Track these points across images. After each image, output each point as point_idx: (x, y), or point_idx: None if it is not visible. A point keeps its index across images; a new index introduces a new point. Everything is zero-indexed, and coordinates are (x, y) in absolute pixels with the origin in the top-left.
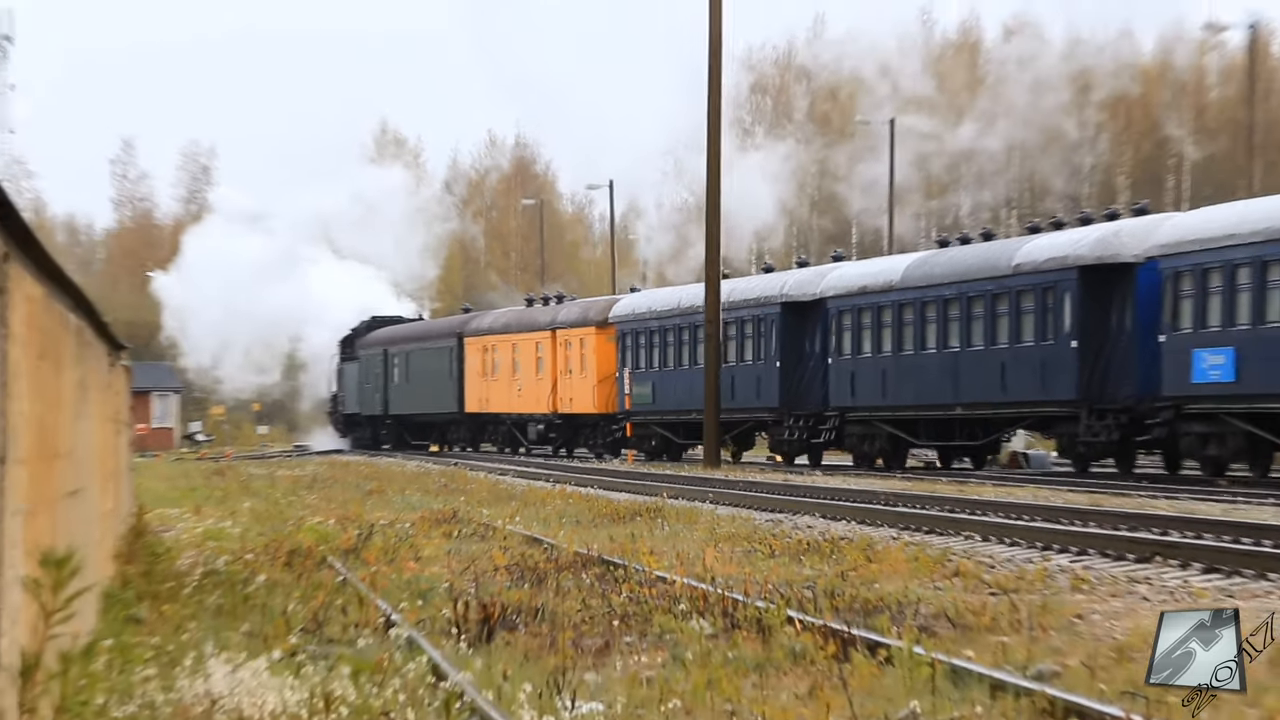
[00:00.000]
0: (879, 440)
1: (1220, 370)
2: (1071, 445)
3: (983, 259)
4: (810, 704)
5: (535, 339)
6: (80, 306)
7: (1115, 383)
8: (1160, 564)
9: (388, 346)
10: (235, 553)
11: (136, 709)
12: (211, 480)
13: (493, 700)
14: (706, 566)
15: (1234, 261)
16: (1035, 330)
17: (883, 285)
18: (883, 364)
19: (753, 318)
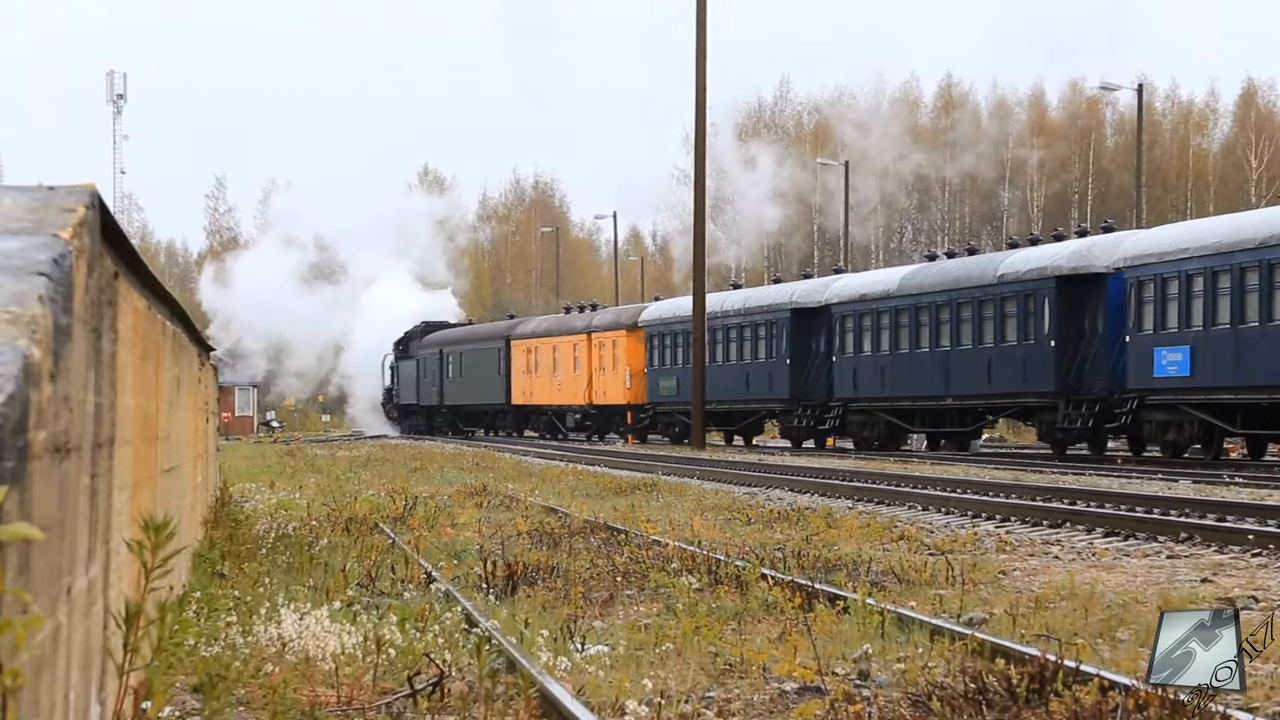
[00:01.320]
0: (878, 427)
1: (1177, 365)
2: (1050, 431)
3: (969, 270)
4: (780, 646)
5: (573, 341)
6: (176, 316)
7: (1089, 377)
8: (1070, 529)
9: (443, 347)
10: (302, 520)
11: (220, 649)
12: (283, 460)
13: (516, 643)
14: (694, 532)
15: (1188, 271)
16: (1018, 331)
17: (881, 293)
18: (881, 361)
19: (766, 321)
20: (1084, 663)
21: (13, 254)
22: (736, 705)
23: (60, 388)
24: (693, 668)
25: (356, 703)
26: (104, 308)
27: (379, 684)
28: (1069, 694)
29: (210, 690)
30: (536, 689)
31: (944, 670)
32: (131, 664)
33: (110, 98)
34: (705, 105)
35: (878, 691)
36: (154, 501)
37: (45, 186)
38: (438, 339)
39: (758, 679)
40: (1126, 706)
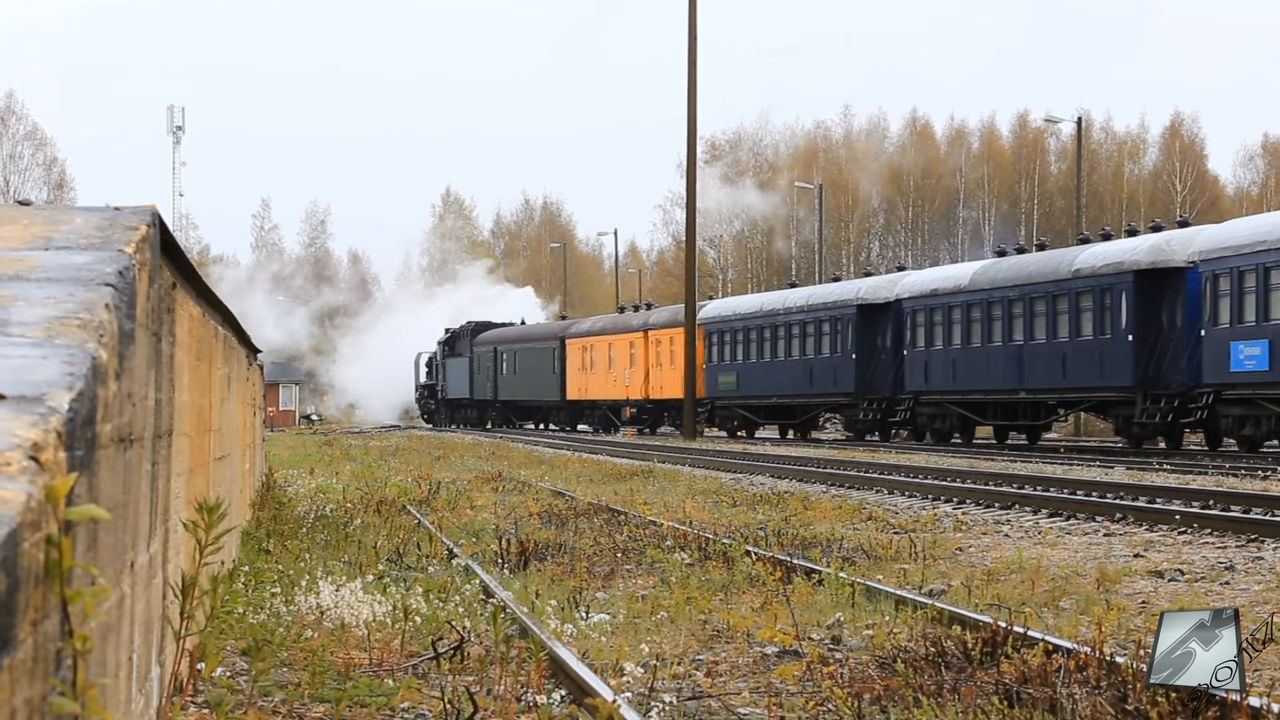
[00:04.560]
0: (950, 419)
1: (1255, 360)
2: (1127, 425)
3: (1043, 265)
4: (762, 615)
5: (629, 339)
6: (227, 321)
7: (1167, 371)
8: (1018, 510)
9: (497, 345)
10: (339, 503)
11: (266, 617)
12: (322, 450)
13: (528, 612)
14: (686, 513)
15: (1266, 264)
16: (1094, 326)
17: (953, 288)
18: (953, 355)
19: (830, 318)
20: (1031, 629)
21: (83, 267)
22: (723, 667)
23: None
24: (684, 634)
25: (386, 664)
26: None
27: (406, 648)
28: (1018, 656)
29: (257, 653)
30: (546, 652)
31: (907, 636)
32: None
33: (170, 129)
34: (695, 136)
35: (849, 654)
36: (207, 486)
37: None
38: (492, 337)
39: (742, 644)
40: (1068, 667)
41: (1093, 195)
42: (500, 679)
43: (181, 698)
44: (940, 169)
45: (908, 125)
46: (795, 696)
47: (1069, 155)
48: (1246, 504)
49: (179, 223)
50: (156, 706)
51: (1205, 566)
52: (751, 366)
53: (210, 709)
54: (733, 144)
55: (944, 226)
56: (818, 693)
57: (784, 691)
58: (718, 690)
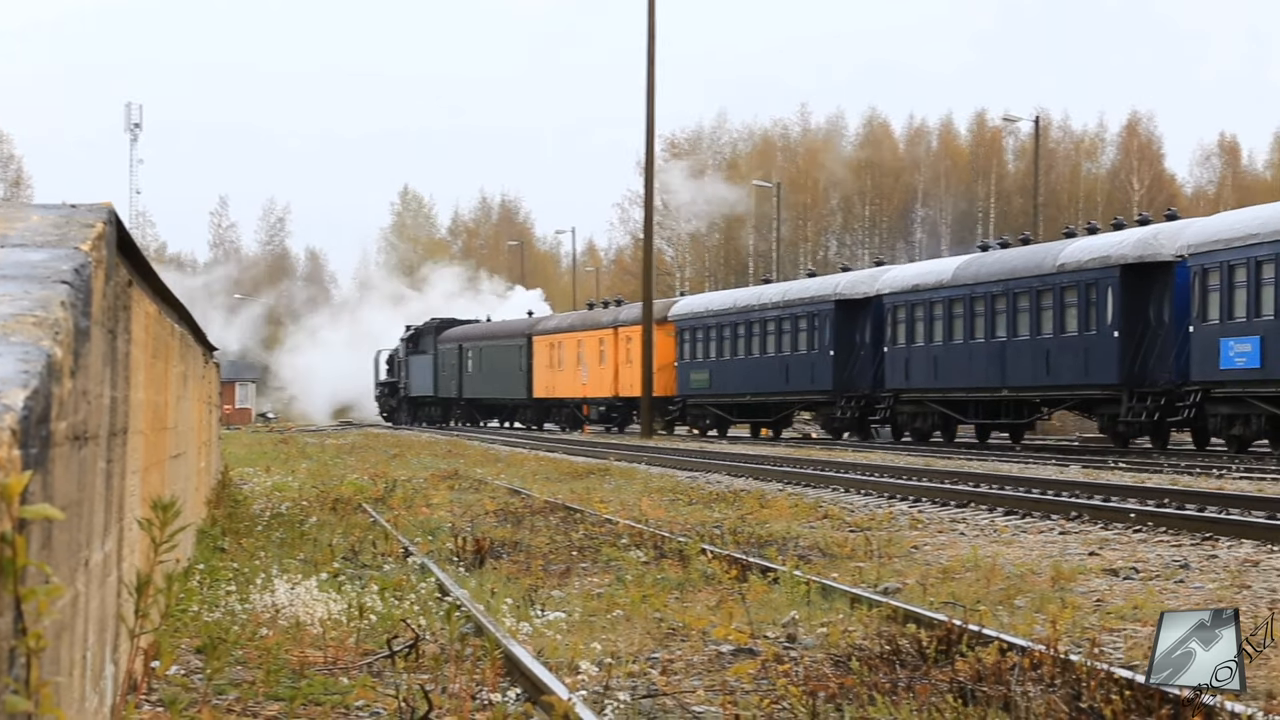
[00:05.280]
0: (931, 418)
1: (1246, 357)
2: (1112, 424)
3: (1027, 259)
4: (718, 613)
5: (599, 335)
6: (183, 319)
7: (1154, 369)
8: (974, 508)
9: (462, 342)
10: (294, 500)
11: (221, 615)
12: (278, 447)
13: (483, 610)
14: (642, 511)
15: (1258, 258)
16: (1079, 322)
17: (934, 283)
18: (934, 352)
19: (807, 314)
20: (986, 627)
21: (39, 264)
22: (679, 665)
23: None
24: (640, 632)
25: (341, 662)
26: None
27: (361, 646)
28: (972, 654)
29: (212, 651)
30: (501, 650)
31: (862, 634)
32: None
33: (128, 126)
34: (654, 135)
35: (804, 652)
36: (162, 484)
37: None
38: (457, 334)
39: (698, 642)
40: (1023, 665)
41: (1050, 194)
42: (455, 677)
43: (136, 696)
44: (899, 167)
45: (866, 124)
46: (750, 694)
47: (1027, 154)
48: (1201, 502)
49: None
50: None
51: (1160, 565)
52: (725, 364)
53: (164, 707)
54: (692, 143)
55: (902, 225)
56: (773, 691)
57: (739, 689)
58: (673, 688)
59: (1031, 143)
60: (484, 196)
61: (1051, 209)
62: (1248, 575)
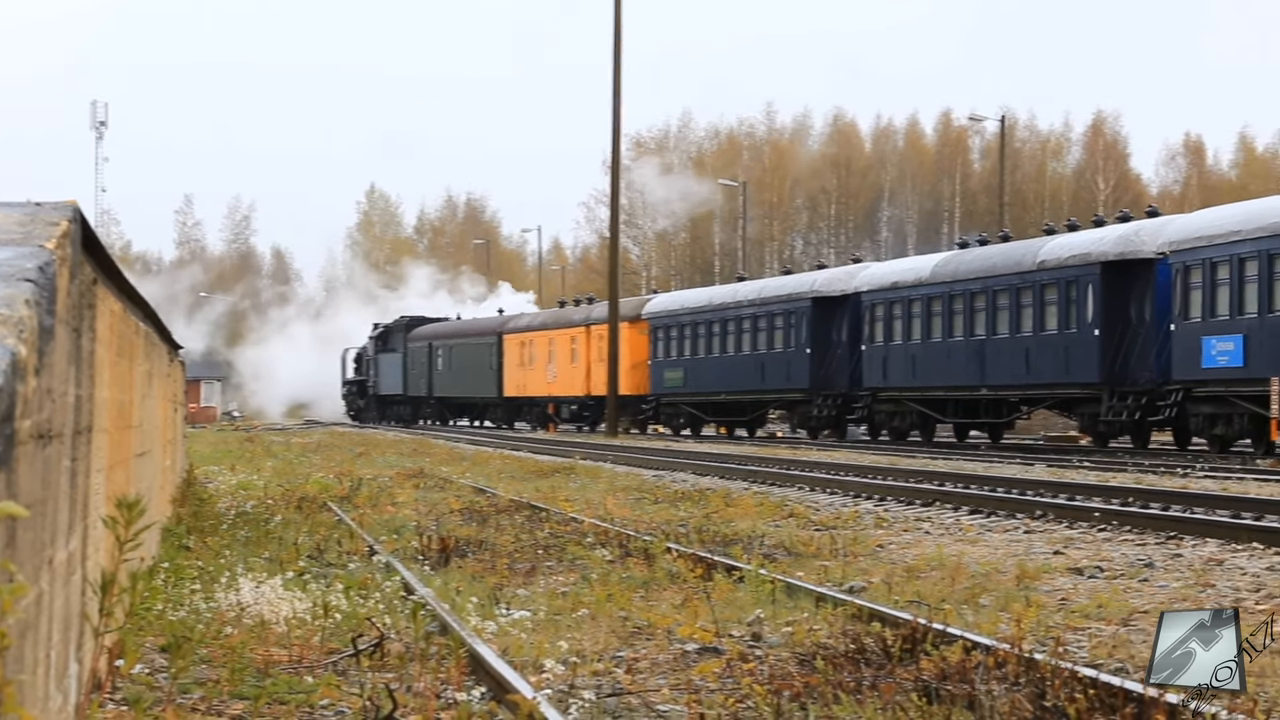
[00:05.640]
0: (909, 417)
1: (1229, 356)
2: (1093, 424)
3: (1007, 256)
4: (683, 612)
5: (570, 334)
6: (149, 318)
7: (1135, 367)
8: (939, 507)
9: (432, 340)
10: (259, 499)
11: (185, 614)
12: (243, 446)
13: (448, 609)
14: (607, 510)
15: (1241, 255)
16: (1059, 320)
17: (913, 281)
18: (913, 350)
19: (783, 311)
20: (950, 626)
21: (3, 262)
22: (644, 664)
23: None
24: (605, 631)
25: (306, 661)
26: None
27: (326, 645)
28: (937, 653)
29: (176, 650)
30: (466, 649)
31: (827, 632)
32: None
33: (93, 124)
34: (620, 134)
35: (769, 651)
36: (127, 482)
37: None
38: (427, 332)
39: (663, 640)
40: (987, 664)
41: (1016, 194)
42: (420, 676)
43: (100, 695)
44: (865, 166)
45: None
46: (715, 693)
47: (992, 153)
48: (1166, 501)
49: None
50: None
51: (1124, 564)
52: (699, 362)
53: (129, 706)
54: (659, 142)
55: (868, 224)
56: (737, 689)
57: (704, 688)
58: (638, 687)
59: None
60: (450, 195)
61: (1017, 208)
62: (1212, 574)
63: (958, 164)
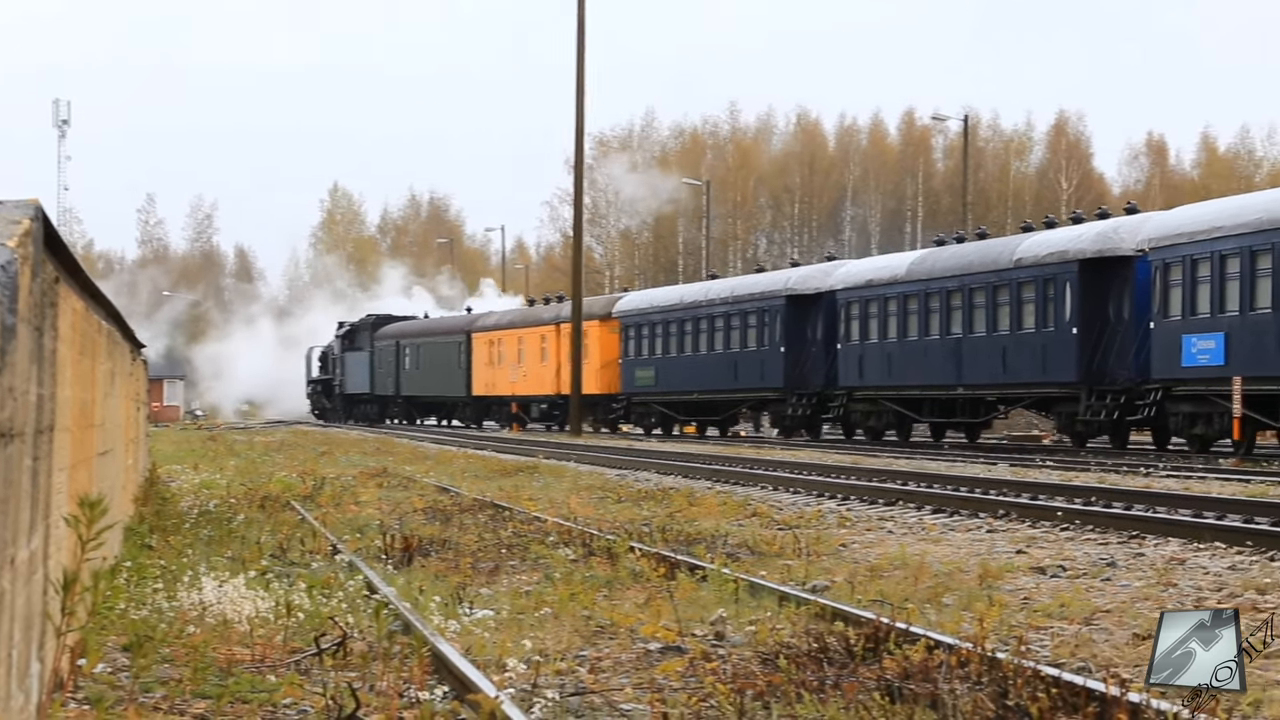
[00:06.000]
0: (885, 416)
1: (1210, 354)
2: (1071, 423)
3: (984, 254)
4: (646, 610)
5: (540, 332)
6: (111, 316)
7: (1114, 366)
8: (902, 506)
9: (400, 339)
10: (222, 498)
11: (148, 613)
12: (206, 445)
13: (411, 608)
14: (571, 509)
15: (1222, 252)
16: (1037, 318)
17: (889, 279)
18: (889, 348)
19: (756, 309)
20: (913, 625)
21: None
22: (607, 663)
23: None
24: (568, 630)
25: (269, 660)
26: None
27: (289, 644)
28: (900, 652)
29: (138, 649)
30: (429, 648)
31: (790, 632)
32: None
33: (56, 123)
34: (583, 134)
35: (732, 650)
36: (90, 481)
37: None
38: (394, 331)
39: (626, 640)
40: (950, 663)
41: (979, 193)
42: (383, 675)
43: (62, 694)
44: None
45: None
46: (678, 692)
47: (955, 153)
48: (1128, 500)
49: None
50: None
51: (1087, 563)
52: (671, 361)
53: (91, 705)
54: (623, 141)
55: (831, 224)
56: (701, 688)
57: (667, 687)
58: (601, 686)
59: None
60: (413, 194)
61: (980, 208)
62: (1174, 573)
63: (920, 163)
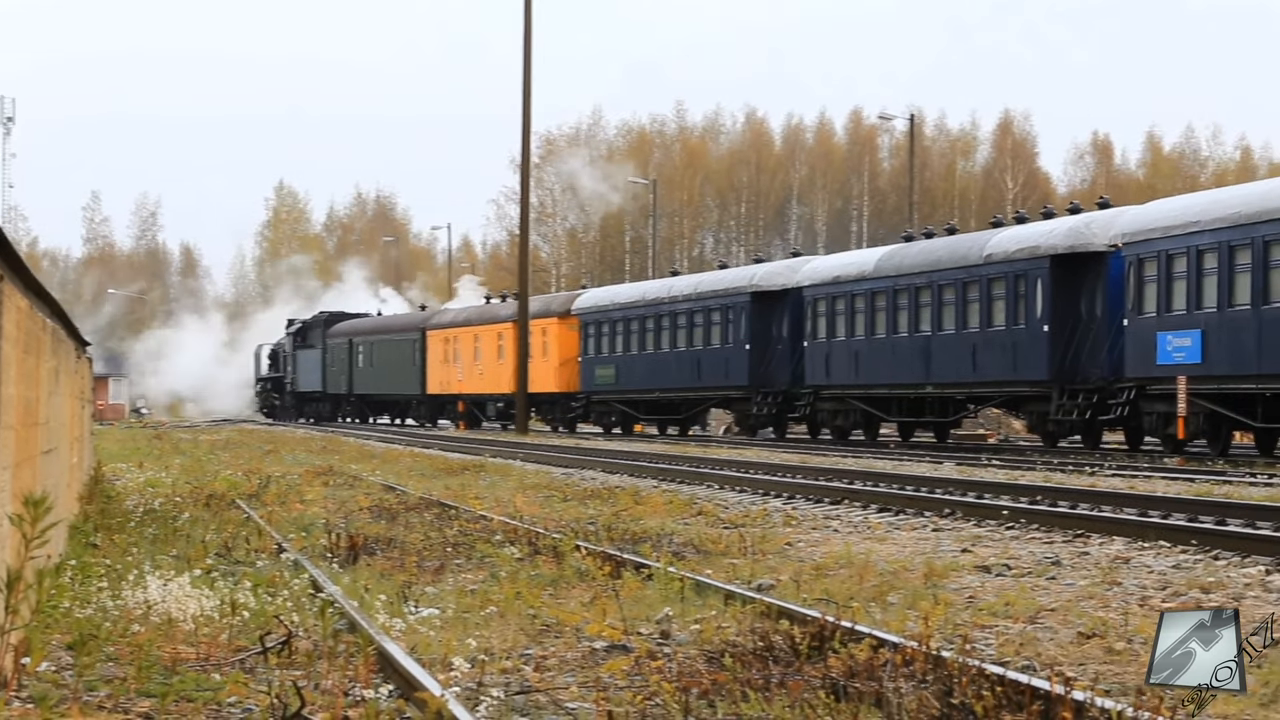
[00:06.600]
0: (852, 415)
1: (1185, 352)
2: (1042, 423)
3: (953, 250)
4: (592, 609)
5: (498, 329)
6: (56, 314)
7: (1086, 365)
8: (848, 505)
9: (353, 337)
10: (167, 496)
11: (92, 612)
12: (151, 443)
13: (356, 606)
14: (517, 508)
15: (1199, 247)
16: (1007, 315)
17: (856, 275)
18: (856, 346)
19: (721, 306)
20: (859, 623)
21: None
22: (552, 661)
23: None
24: (513, 628)
25: (213, 659)
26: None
27: (234, 642)
28: (845, 651)
29: (83, 648)
30: (374, 647)
31: (736, 630)
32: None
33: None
34: (530, 131)
35: (677, 649)
36: (34, 479)
37: None
38: (347, 329)
39: (571, 638)
40: (895, 662)
41: (925, 192)
42: (328, 673)
43: (6, 693)
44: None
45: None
46: (623, 691)
47: (901, 152)
48: (1073, 499)
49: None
50: None
51: (1032, 561)
52: (632, 359)
53: (34, 704)
54: (570, 140)
55: (778, 222)
56: (646, 687)
57: (612, 686)
58: (546, 685)
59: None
60: (360, 192)
61: (926, 206)
62: (1119, 572)
63: (867, 162)
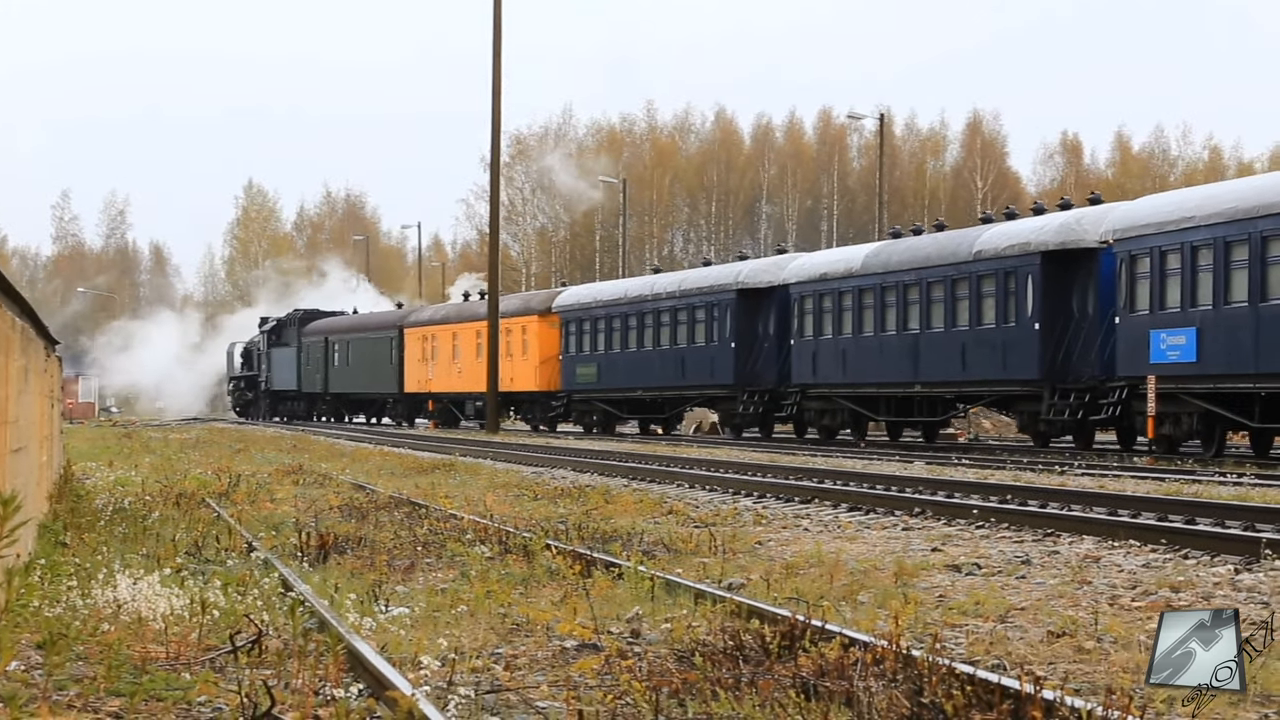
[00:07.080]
0: (840, 415)
1: (1180, 351)
2: (1033, 422)
3: (942, 246)
4: (562, 608)
5: (476, 327)
6: (25, 313)
7: (1078, 363)
8: (818, 504)
9: (329, 335)
10: (137, 495)
11: (62, 611)
12: (121, 442)
13: (327, 605)
14: (487, 507)
15: (1194, 243)
16: (997, 313)
17: (843, 272)
18: (843, 344)
19: (705, 304)
20: (829, 622)
21: None
22: (522, 660)
23: None
24: (484, 627)
25: (183, 658)
26: None
27: (204, 641)
28: (815, 650)
29: (52, 647)
30: (344, 646)
31: (706, 629)
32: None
33: None
34: (500, 130)
35: (647, 648)
36: (3, 478)
37: None
38: (322, 327)
39: (542, 637)
40: (865, 661)
41: (894, 192)
42: (298, 672)
43: None
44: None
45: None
46: (594, 690)
47: (871, 151)
48: (1043, 498)
49: None
50: None
51: (1002, 560)
52: (615, 357)
53: (3, 703)
54: (539, 139)
55: (748, 222)
56: (616, 686)
57: (582, 685)
58: (516, 683)
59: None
60: (329, 191)
61: (896, 206)
62: (1088, 571)
63: (836, 162)
